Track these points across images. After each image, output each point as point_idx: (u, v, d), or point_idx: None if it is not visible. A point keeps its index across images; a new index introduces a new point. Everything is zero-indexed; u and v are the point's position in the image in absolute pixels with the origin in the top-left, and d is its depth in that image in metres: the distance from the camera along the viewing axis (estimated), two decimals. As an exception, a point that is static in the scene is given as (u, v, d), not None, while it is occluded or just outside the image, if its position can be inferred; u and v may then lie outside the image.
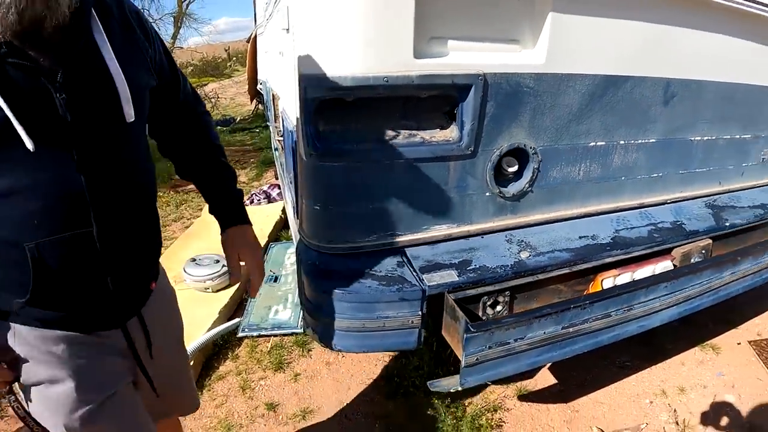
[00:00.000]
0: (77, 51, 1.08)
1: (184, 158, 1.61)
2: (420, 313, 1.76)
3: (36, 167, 1.07)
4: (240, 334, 3.15)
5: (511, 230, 2.05)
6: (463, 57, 1.71)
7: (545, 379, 2.83)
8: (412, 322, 1.77)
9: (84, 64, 1.10)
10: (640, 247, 2.19)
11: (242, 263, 1.64)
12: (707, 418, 2.63)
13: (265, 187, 5.46)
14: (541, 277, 1.95)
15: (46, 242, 1.13)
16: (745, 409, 2.73)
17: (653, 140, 2.27)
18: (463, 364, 1.63)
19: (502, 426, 2.52)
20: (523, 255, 1.95)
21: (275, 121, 3.87)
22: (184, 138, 1.58)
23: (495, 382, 2.72)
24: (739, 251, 2.39)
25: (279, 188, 5.25)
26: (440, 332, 1.86)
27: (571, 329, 1.80)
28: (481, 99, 1.75)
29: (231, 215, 1.63)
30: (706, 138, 2.52)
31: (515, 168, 1.95)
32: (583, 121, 2.01)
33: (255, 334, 3.15)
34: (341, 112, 1.67)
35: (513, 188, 1.98)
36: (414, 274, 1.79)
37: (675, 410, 2.66)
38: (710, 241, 2.44)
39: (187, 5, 18.58)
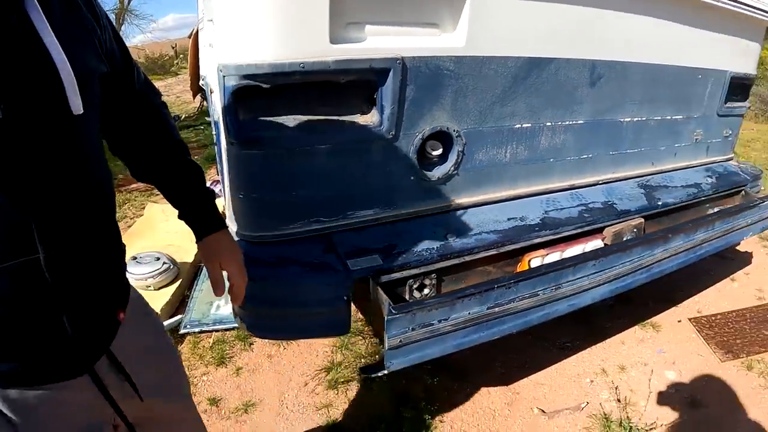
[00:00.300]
0: (7, 30, 0.89)
1: (143, 158, 1.38)
2: (345, 298, 1.78)
3: None
4: (182, 331, 3.14)
5: (439, 214, 2.08)
6: (381, 41, 1.74)
7: (486, 362, 2.87)
8: (339, 307, 1.79)
9: (17, 45, 0.91)
10: (569, 227, 2.26)
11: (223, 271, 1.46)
12: (648, 395, 2.71)
13: (208, 183, 5.43)
14: (467, 258, 2.00)
15: None
16: (685, 384, 2.82)
17: (581, 122, 2.33)
18: (386, 346, 1.66)
19: (443, 410, 2.56)
20: (450, 238, 1.99)
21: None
22: (141, 134, 1.35)
23: (436, 368, 2.76)
24: (670, 229, 2.46)
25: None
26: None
27: (497, 309, 1.84)
28: (400, 83, 1.77)
29: (206, 222, 1.43)
30: (636, 119, 2.60)
31: (439, 151, 1.98)
32: (507, 103, 2.06)
33: (197, 330, 3.14)
34: (261, 100, 1.68)
35: (438, 171, 2.01)
36: (339, 259, 1.81)
37: (616, 388, 2.73)
38: (642, 220, 2.52)
39: (129, 1, 18.28)
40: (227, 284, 1.45)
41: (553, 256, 2.20)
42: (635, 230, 2.46)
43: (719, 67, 3.01)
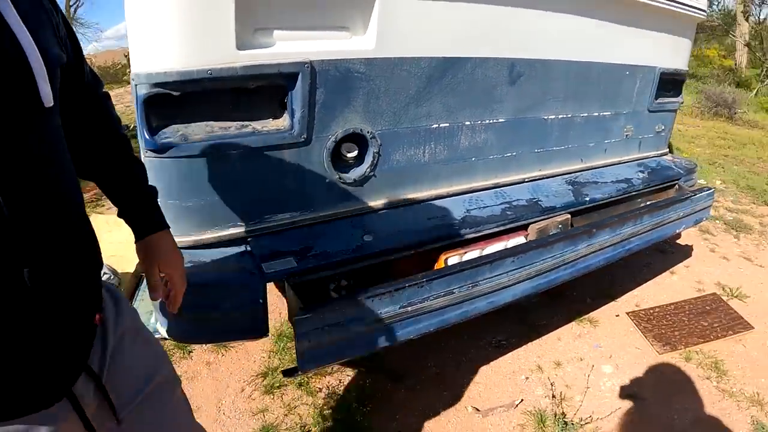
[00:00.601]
0: None
1: (87, 153, 1.24)
2: (261, 301, 1.81)
3: None
4: None
5: (357, 215, 2.13)
6: (290, 46, 1.78)
7: (421, 362, 2.92)
8: (255, 310, 1.82)
9: None
10: (491, 225, 2.31)
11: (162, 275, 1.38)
12: (584, 390, 2.78)
13: None
14: (384, 259, 2.04)
15: None
16: (622, 377, 2.90)
17: (502, 120, 2.40)
18: (296, 348, 1.69)
19: (377, 412, 2.60)
20: (367, 239, 2.03)
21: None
22: (85, 127, 1.22)
23: (371, 369, 2.81)
24: (594, 224, 2.54)
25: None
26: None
27: (410, 308, 1.89)
28: (309, 86, 1.82)
29: (147, 220, 1.35)
30: (561, 116, 2.67)
31: (355, 153, 2.02)
32: (422, 104, 2.11)
33: None
34: (172, 108, 1.71)
35: (354, 173, 2.06)
36: (254, 263, 1.84)
37: (552, 384, 2.80)
38: (568, 216, 2.59)
39: (75, 9, 17.99)
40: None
41: (473, 254, 2.25)
42: (560, 226, 2.53)
43: (648, 63, 3.10)
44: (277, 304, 3.00)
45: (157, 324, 1.95)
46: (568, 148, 2.81)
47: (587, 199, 2.72)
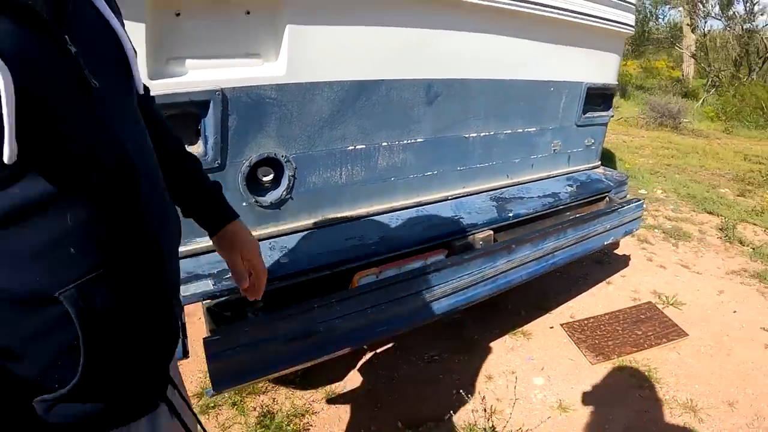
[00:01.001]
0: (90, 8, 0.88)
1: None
2: (180, 322, 1.88)
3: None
4: None
5: (275, 237, 2.22)
6: (202, 74, 1.87)
7: (353, 380, 3.01)
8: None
9: (81, 12, 0.85)
10: (410, 244, 2.42)
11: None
12: (514, 402, 2.89)
13: None
14: (298, 280, 2.13)
15: (89, 281, 0.83)
16: (553, 389, 3.03)
17: (421, 140, 2.52)
18: (209, 368, 1.77)
19: (309, 430, 2.67)
20: (283, 260, 2.12)
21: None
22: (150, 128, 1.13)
23: (303, 385, 2.90)
24: (515, 239, 2.67)
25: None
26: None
27: (321, 329, 1.98)
28: (221, 113, 1.91)
29: (221, 212, 1.38)
30: (483, 134, 2.80)
31: (270, 177, 2.12)
32: (337, 127, 2.22)
33: None
34: None
35: (271, 197, 2.15)
36: None
37: (483, 397, 2.90)
38: (491, 232, 2.72)
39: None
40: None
41: (389, 272, 2.35)
42: (482, 243, 2.65)
43: (573, 79, 3.26)
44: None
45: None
46: (493, 165, 2.94)
47: (511, 214, 2.85)
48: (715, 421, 2.85)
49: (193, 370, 3.08)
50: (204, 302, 1.93)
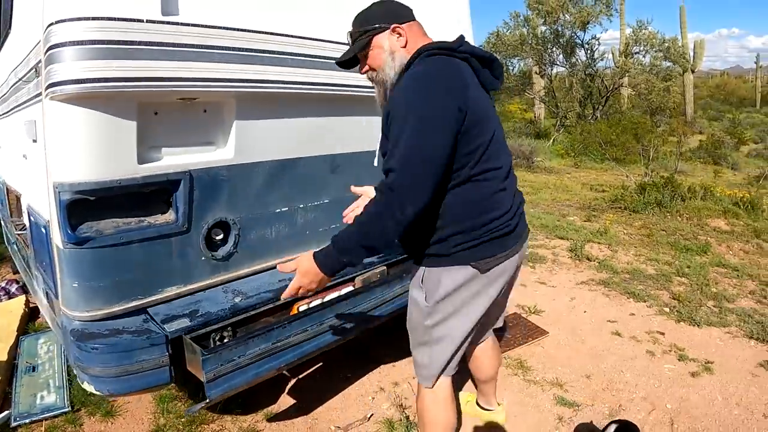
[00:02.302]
0: None
1: None
2: (167, 353, 2.60)
3: None
4: (13, 424, 3.53)
5: (227, 283, 3.01)
6: (175, 159, 2.64)
7: (287, 400, 3.76)
8: (162, 361, 2.60)
9: None
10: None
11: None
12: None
13: (2, 284, 5.72)
14: (252, 313, 2.95)
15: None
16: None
17: (327, 200, 3.42)
18: (205, 380, 2.47)
19: (250, 445, 3.43)
20: (237, 300, 2.90)
21: (14, 217, 4.42)
22: None
23: (246, 410, 3.58)
24: (404, 269, 3.61)
25: (17, 282, 5.64)
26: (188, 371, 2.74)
27: (279, 344, 2.76)
28: (189, 189, 2.68)
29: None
30: (371, 192, 3.75)
31: (221, 236, 2.93)
32: (268, 195, 3.06)
33: (27, 421, 3.56)
34: (88, 208, 2.46)
35: (222, 251, 2.95)
36: (157, 325, 2.64)
37: (395, 398, 3.77)
38: (385, 267, 3.65)
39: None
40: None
41: (316, 301, 3.21)
42: (379, 275, 3.58)
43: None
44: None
45: (84, 383, 2.64)
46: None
47: (399, 255, 3.83)
48: (576, 390, 3.92)
49: (144, 412, 3.67)
50: (185, 335, 2.67)
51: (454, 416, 2.62)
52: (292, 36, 2.88)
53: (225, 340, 2.83)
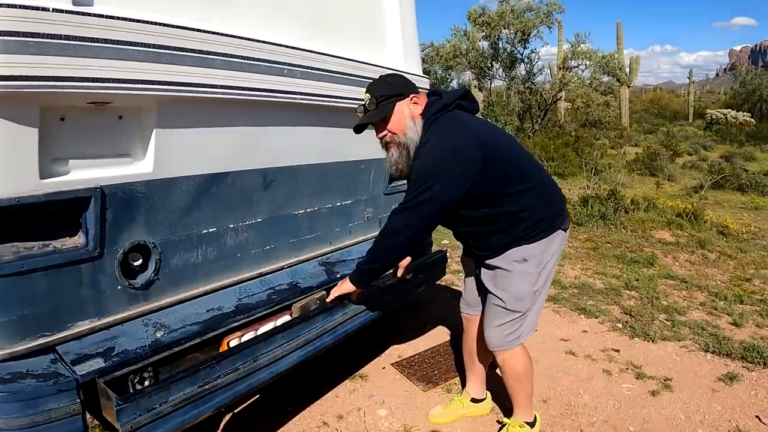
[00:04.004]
0: None
1: None
2: (78, 400, 2.32)
3: None
4: None
5: (148, 314, 2.72)
6: (84, 173, 2.36)
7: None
8: (73, 409, 2.30)
9: None
10: (260, 309, 3.06)
11: None
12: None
13: None
14: (176, 350, 2.69)
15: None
16: (396, 416, 3.78)
17: (260, 219, 3.18)
18: (120, 432, 2.27)
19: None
20: (158, 334, 2.64)
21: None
22: None
23: None
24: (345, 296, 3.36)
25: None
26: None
27: (207, 386, 2.51)
28: (100, 208, 2.41)
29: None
30: (309, 210, 3.54)
31: (140, 261, 2.64)
32: (193, 214, 2.80)
33: None
34: None
35: (141, 279, 2.66)
36: (67, 367, 2.35)
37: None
38: (324, 293, 3.42)
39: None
40: None
41: (249, 335, 2.95)
42: (318, 302, 3.35)
43: (380, 156, 4.10)
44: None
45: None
46: (318, 235, 3.68)
47: (338, 275, 3.60)
48: (534, 416, 3.79)
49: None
50: (98, 378, 2.40)
51: None
52: (223, 35, 2.66)
53: (145, 383, 2.56)
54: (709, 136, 35.91)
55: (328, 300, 3.16)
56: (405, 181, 4.57)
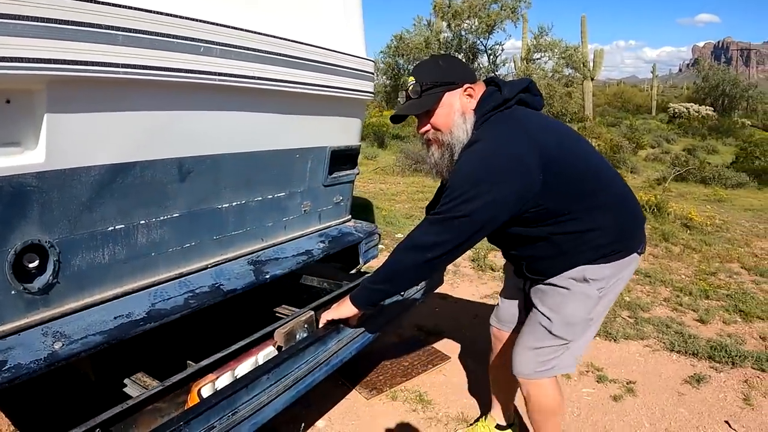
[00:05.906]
0: None
1: None
2: None
3: None
4: None
5: (47, 322, 2.52)
6: None
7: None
8: None
9: None
10: (176, 315, 2.85)
11: None
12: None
13: None
14: (131, 403, 2.42)
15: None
16: (335, 427, 3.69)
17: (177, 214, 2.98)
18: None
19: None
20: (57, 345, 2.43)
21: None
22: None
23: None
24: (341, 320, 3.13)
25: None
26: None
27: None
28: None
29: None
30: (235, 203, 3.34)
31: (36, 263, 2.45)
32: (96, 209, 2.60)
33: None
34: None
35: (38, 283, 2.46)
36: None
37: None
38: (312, 313, 3.22)
39: None
40: None
41: (225, 378, 2.65)
42: (306, 325, 3.09)
43: (318, 144, 3.95)
44: None
45: None
46: (247, 231, 3.49)
47: (268, 276, 3.41)
48: (487, 426, 3.66)
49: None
50: None
51: None
52: (123, 6, 2.45)
53: None
54: (672, 130, 37.32)
55: (321, 325, 2.83)
56: (349, 171, 4.48)
